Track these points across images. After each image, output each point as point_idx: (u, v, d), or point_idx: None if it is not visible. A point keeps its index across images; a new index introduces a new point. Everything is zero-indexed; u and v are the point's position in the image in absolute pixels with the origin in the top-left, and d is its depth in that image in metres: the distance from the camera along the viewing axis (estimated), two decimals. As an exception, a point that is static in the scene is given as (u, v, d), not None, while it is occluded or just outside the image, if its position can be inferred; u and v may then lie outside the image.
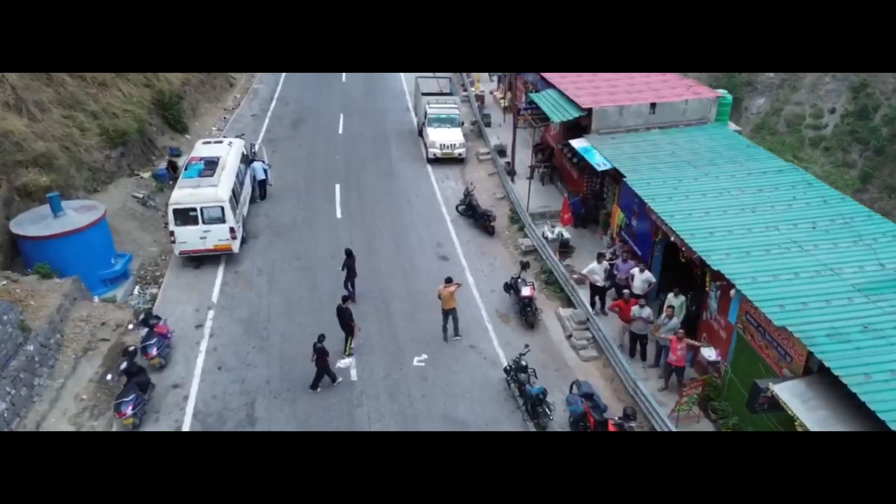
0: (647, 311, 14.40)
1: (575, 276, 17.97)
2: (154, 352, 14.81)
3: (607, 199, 19.81)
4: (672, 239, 14.26)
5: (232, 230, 18.63)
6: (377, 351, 15.85)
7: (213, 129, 29.19)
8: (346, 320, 15.59)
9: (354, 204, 22.88)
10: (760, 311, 11.42)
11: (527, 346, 14.55)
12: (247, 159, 22.63)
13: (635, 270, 15.72)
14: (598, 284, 16.23)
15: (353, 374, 15.23)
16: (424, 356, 15.77)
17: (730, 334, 13.00)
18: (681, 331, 13.48)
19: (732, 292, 12.42)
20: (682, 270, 15.60)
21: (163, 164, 24.30)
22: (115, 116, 23.67)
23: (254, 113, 31.55)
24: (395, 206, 22.82)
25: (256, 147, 24.03)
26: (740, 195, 15.41)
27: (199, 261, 19.20)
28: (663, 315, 14.22)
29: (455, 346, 16.12)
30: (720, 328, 13.40)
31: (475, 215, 21.47)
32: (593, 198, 20.66)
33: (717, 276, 12.89)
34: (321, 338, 14.48)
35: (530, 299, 16.70)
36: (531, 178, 22.31)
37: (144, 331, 15.33)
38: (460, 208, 22.09)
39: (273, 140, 27.93)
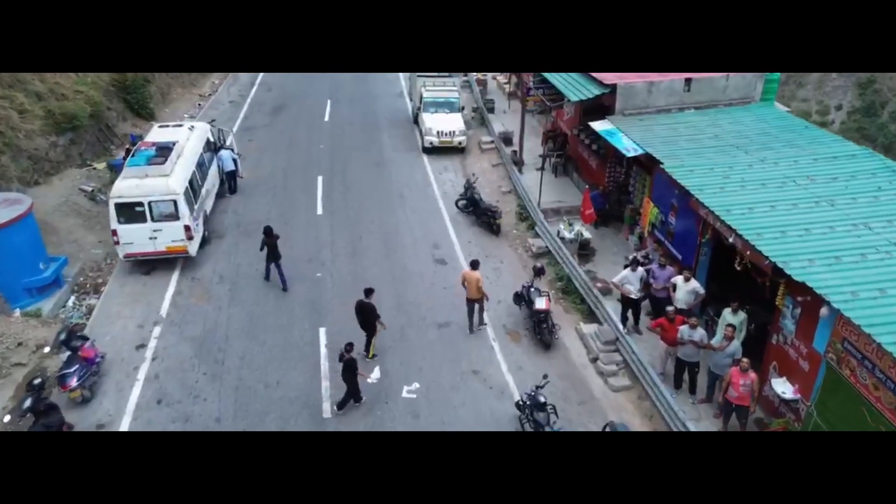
0: (699, 333, 11.32)
1: (599, 284, 14.89)
2: (74, 382, 11.74)
3: (634, 191, 16.73)
4: (730, 240, 11.19)
5: (188, 229, 15.56)
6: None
7: (185, 115, 26.10)
8: (370, 318, 12.99)
9: (338, 198, 19.80)
10: (869, 340, 8.36)
11: (545, 377, 11.47)
12: (214, 147, 19.55)
13: (678, 279, 12.64)
14: (633, 297, 13.13)
15: (326, 408, 12.16)
16: (416, 385, 12.70)
17: (815, 366, 9.93)
18: (745, 360, 10.39)
19: (823, 311, 9.35)
20: (736, 279, 12.56)
21: (121, 154, 21.20)
22: (65, 98, 20.64)
23: (232, 99, 28.48)
24: (386, 200, 19.74)
25: (225, 133, 20.90)
26: (811, 185, 12.34)
27: (150, 266, 16.13)
28: (719, 336, 11.15)
29: (454, 372, 13.05)
30: (799, 357, 10.33)
31: (477, 211, 18.39)
32: (617, 190, 17.57)
33: (797, 288, 9.84)
34: (349, 347, 11.71)
35: (546, 314, 13.63)
36: (542, 168, 19.20)
37: (66, 355, 12.26)
38: (460, 203, 19.02)
39: (251, 128, 24.84)
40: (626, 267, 14.21)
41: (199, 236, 16.58)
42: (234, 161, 19.83)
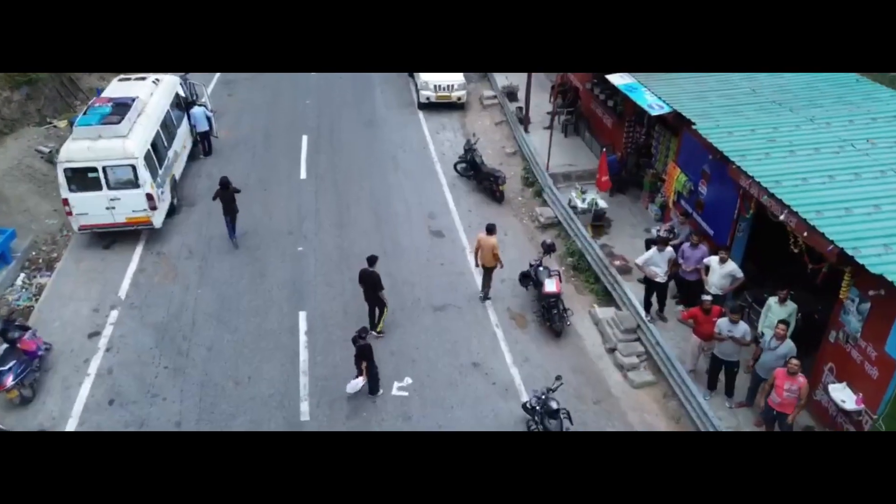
0: (741, 329, 9.60)
1: (617, 262, 13.14)
2: (10, 380, 10.09)
3: (657, 155, 14.80)
4: (781, 217, 9.37)
5: (150, 198, 13.71)
6: (341, 373, 11.13)
7: (160, 68, 23.85)
8: (376, 289, 11.55)
9: (325, 161, 17.86)
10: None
11: (558, 378, 9.79)
12: (184, 103, 17.51)
13: (712, 260, 10.86)
14: (659, 280, 11.36)
15: (304, 409, 10.54)
16: (408, 381, 11.07)
17: (887, 373, 8.24)
18: (794, 361, 8.68)
19: (905, 310, 7.62)
20: (778, 260, 10.84)
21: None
22: (19, 48, 18.44)
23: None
24: (377, 163, 17.81)
25: (198, 88, 18.78)
26: (872, 150, 10.45)
27: (111, 238, 14.34)
28: (768, 335, 9.43)
29: (452, 365, 11.41)
30: (866, 361, 8.63)
31: (478, 176, 16.50)
32: (636, 153, 15.64)
33: (867, 279, 8.08)
34: (362, 332, 10.35)
35: (557, 297, 11.91)
36: (550, 127, 17.29)
37: (2, 348, 10.59)
38: (459, 167, 17.11)
39: (230, 81, 22.62)
40: (649, 245, 12.45)
41: (166, 205, 14.75)
42: (209, 119, 17.80)
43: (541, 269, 12.39)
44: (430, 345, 11.81)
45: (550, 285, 11.88)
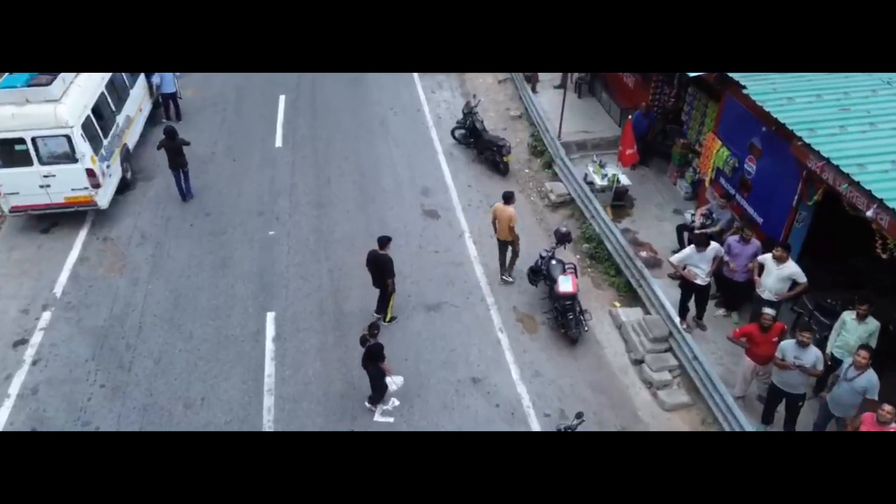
0: (812, 355, 7.61)
1: (643, 252, 11.14)
2: None
3: (689, 121, 12.61)
4: (868, 213, 7.31)
5: (91, 174, 11.61)
6: (314, 393, 9.26)
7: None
8: (386, 272, 9.88)
9: (304, 126, 15.65)
10: None
11: (580, 416, 7.86)
12: (141, 59, 15.16)
13: (767, 259, 8.82)
14: (699, 283, 9.34)
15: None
16: (394, 403, 9.19)
17: None
18: (888, 409, 6.70)
19: None
20: (846, 258, 8.89)
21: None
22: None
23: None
24: (364, 129, 15.59)
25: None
26: (976, 122, 8.32)
27: (51, 220, 12.31)
28: (846, 364, 7.45)
29: (447, 381, 9.52)
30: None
31: (479, 144, 14.33)
32: (663, 119, 13.44)
33: None
34: (373, 329, 8.61)
35: (573, 298, 9.95)
36: (562, 86, 15.05)
37: None
38: (457, 133, 14.92)
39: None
40: (681, 233, 10.46)
41: (115, 180, 12.68)
42: (174, 79, 15.49)
43: (553, 262, 10.40)
44: (421, 355, 9.91)
45: (566, 284, 9.90)
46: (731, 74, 9.85)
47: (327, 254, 11.72)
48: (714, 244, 9.10)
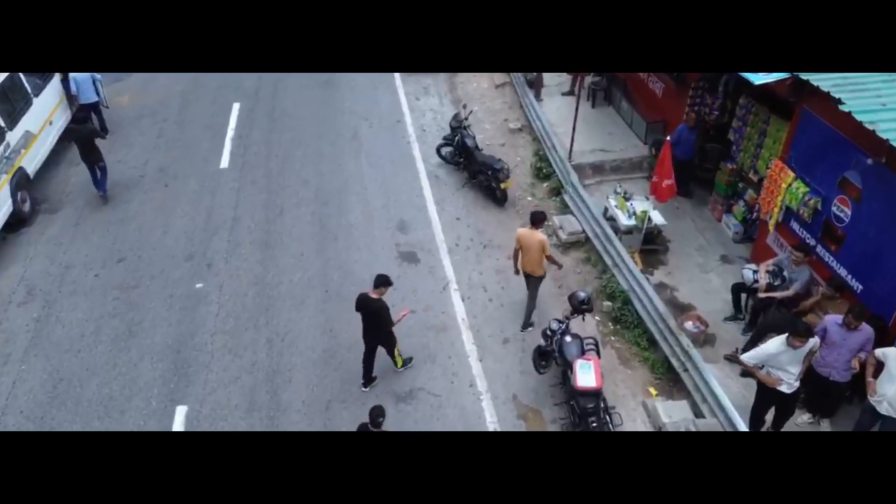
0: None
1: (689, 322, 8.30)
2: None
3: (739, 141, 9.75)
4: None
5: (-42, 210, 8.81)
6: None
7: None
8: (384, 321, 7.50)
9: (258, 140, 12.83)
10: None
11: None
12: (56, 58, 12.31)
13: (889, 354, 5.98)
14: (784, 390, 6.44)
15: None
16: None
17: None
18: None
19: None
20: None
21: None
22: None
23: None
24: (331, 144, 12.76)
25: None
26: None
27: (-86, 268, 9.51)
28: None
29: None
30: None
31: (471, 166, 11.50)
32: (702, 137, 10.60)
33: None
34: (378, 414, 6.29)
35: (597, 395, 7.12)
36: (574, 93, 12.26)
37: None
38: (444, 151, 12.09)
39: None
40: (737, 294, 7.75)
41: (2, 214, 9.86)
42: (97, 85, 12.60)
43: (567, 339, 7.59)
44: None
45: (586, 376, 7.08)
46: (812, 80, 7.03)
47: (268, 316, 8.89)
48: (814, 339, 6.23)
